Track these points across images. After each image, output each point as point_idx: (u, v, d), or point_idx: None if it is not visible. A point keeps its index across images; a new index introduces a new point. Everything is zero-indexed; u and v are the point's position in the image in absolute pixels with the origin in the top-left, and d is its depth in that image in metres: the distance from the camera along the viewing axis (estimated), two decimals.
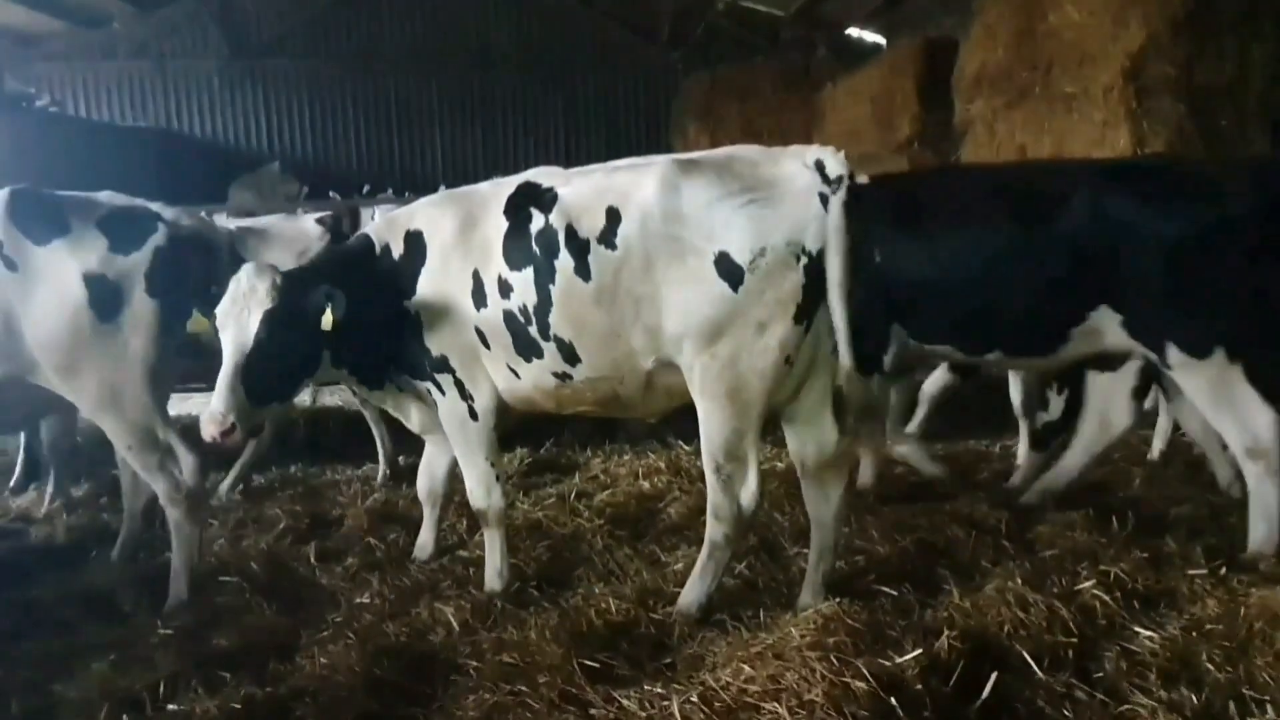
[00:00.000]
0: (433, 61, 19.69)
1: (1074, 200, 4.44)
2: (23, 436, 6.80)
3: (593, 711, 3.11)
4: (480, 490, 4.28)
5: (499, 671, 3.42)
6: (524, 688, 3.26)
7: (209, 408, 3.82)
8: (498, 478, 4.29)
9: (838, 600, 3.61)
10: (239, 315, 3.86)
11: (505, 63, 19.81)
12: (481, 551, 4.50)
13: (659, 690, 3.13)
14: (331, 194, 16.49)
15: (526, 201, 3.93)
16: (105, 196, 4.33)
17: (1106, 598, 3.79)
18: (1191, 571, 4.09)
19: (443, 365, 4.11)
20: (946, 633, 3.37)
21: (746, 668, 3.20)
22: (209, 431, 3.78)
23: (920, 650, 3.15)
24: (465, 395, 4.14)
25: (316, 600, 4.36)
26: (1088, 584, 3.90)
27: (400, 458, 6.59)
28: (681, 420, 4.20)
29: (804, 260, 3.56)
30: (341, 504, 5.88)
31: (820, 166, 3.62)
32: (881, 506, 4.93)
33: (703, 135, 17.11)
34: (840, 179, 3.63)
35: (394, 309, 4.10)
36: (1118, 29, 9.45)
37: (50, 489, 6.13)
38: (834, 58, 17.29)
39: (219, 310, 3.89)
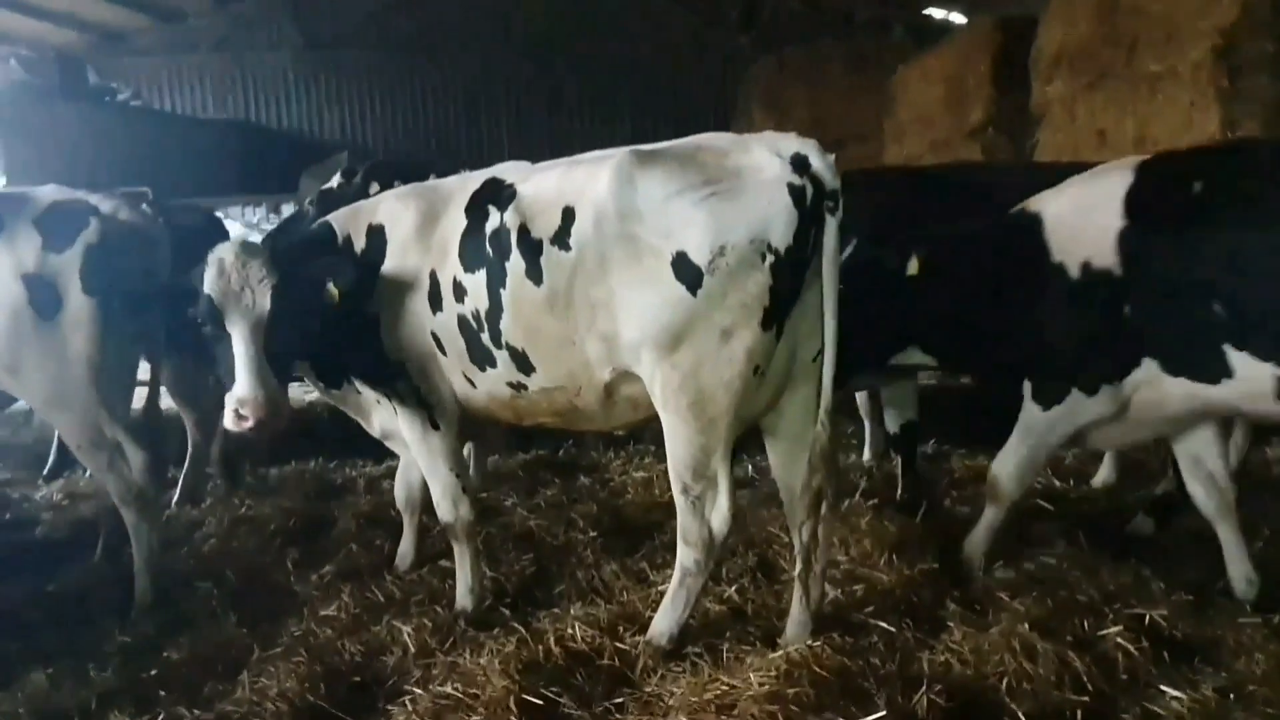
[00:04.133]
0: (499, 50, 19.66)
1: None
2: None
3: None
4: (446, 503, 4.03)
5: (433, 706, 3.17)
6: None
7: (238, 395, 3.52)
8: (464, 489, 4.03)
9: (810, 644, 3.24)
10: (239, 295, 3.58)
11: (572, 50, 19.62)
12: None
13: None
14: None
15: (486, 199, 3.66)
16: (47, 191, 4.23)
17: (1131, 648, 3.33)
18: (1243, 620, 3.58)
19: (399, 371, 3.88)
20: (927, 687, 2.97)
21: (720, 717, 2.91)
22: (255, 415, 3.47)
23: (884, 713, 2.77)
24: (423, 403, 3.90)
25: (284, 610, 4.19)
26: (1113, 630, 3.44)
27: None
28: None
29: (770, 259, 3.18)
30: (344, 505, 5.74)
31: (799, 161, 3.24)
32: (890, 528, 4.48)
33: (768, 122, 16.55)
34: (835, 194, 3.25)
35: (353, 307, 3.86)
36: (1209, 2, 8.64)
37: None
38: (909, 39, 16.51)
39: (210, 293, 3.57)
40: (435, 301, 3.73)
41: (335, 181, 8.45)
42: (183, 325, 3.85)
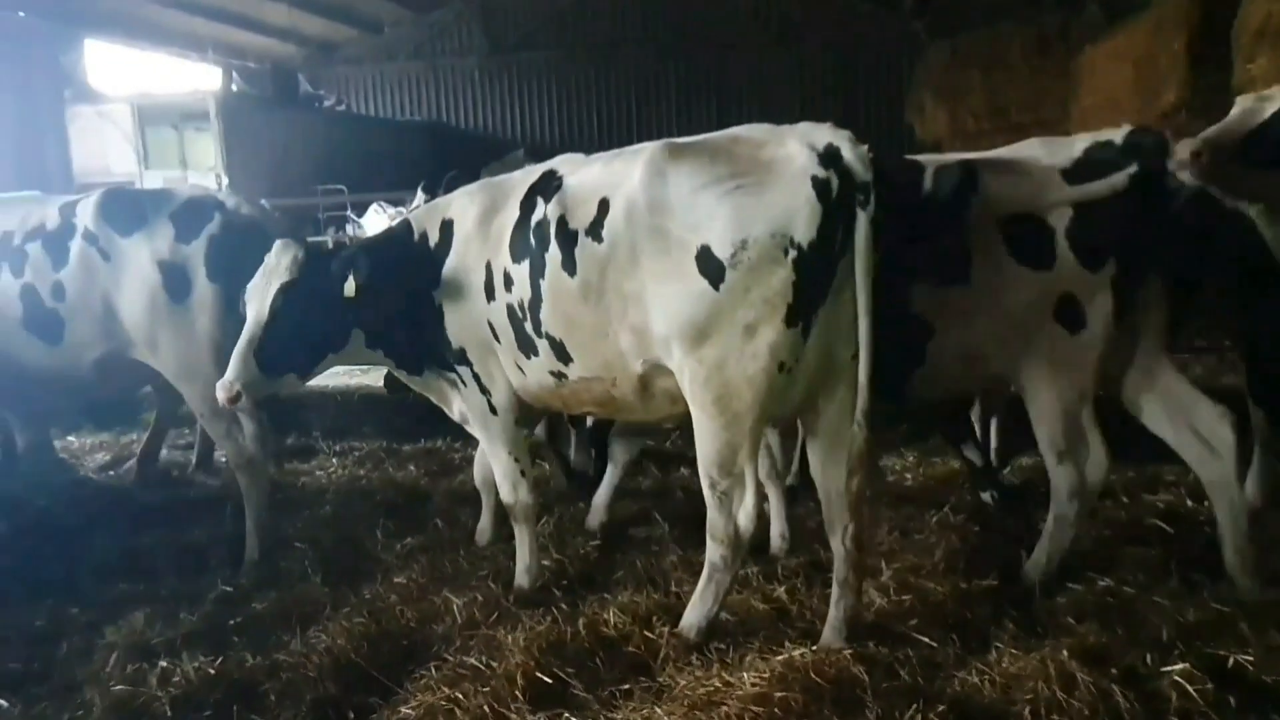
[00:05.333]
0: (671, 45, 19.91)
1: None
2: None
3: None
4: (506, 486, 4.23)
5: (452, 674, 3.37)
6: (460, 695, 3.18)
7: (224, 375, 3.96)
8: (523, 473, 4.21)
9: (815, 650, 3.17)
10: (262, 289, 3.98)
11: (742, 43, 19.55)
12: (544, 541, 4.51)
13: None
14: None
15: (538, 191, 3.79)
16: (184, 189, 4.79)
17: (1190, 688, 3.00)
18: None
19: (461, 357, 4.09)
20: (925, 704, 2.82)
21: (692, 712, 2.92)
22: (219, 397, 3.93)
23: None
24: (483, 389, 4.09)
25: (364, 575, 4.54)
26: (1176, 668, 3.11)
27: None
28: None
29: (793, 254, 3.12)
30: (452, 481, 6.08)
31: (829, 152, 3.15)
32: (956, 540, 4.23)
33: (940, 110, 15.80)
34: (866, 187, 3.14)
35: (424, 297, 4.11)
36: None
37: None
38: (1104, 16, 15.16)
39: (250, 284, 4.02)
40: (490, 291, 3.91)
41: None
42: None
